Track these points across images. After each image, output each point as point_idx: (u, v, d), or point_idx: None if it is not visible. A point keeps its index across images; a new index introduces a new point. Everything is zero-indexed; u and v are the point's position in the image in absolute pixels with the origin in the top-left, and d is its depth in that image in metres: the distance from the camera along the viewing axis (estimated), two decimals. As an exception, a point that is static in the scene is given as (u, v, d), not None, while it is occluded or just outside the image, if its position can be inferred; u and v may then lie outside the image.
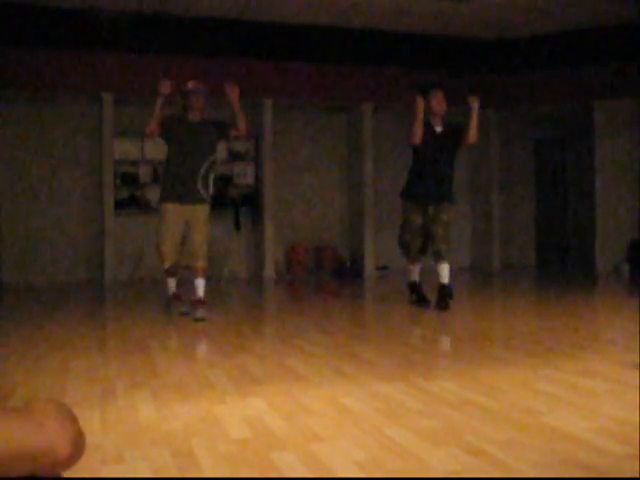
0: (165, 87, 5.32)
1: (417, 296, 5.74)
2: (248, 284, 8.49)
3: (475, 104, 5.48)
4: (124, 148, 8.93)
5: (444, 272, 5.51)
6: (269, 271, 9.06)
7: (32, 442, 0.98)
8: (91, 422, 2.48)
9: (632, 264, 9.12)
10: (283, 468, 2.03)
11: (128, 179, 8.98)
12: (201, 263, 5.32)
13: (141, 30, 8.40)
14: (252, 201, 9.15)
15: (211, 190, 5.45)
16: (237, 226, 9.17)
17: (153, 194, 9.11)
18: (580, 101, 9.51)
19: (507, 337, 4.48)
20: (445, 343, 4.31)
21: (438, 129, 5.62)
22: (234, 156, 9.28)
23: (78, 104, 8.87)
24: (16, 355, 3.92)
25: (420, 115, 5.47)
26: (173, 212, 5.27)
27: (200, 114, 5.45)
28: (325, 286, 8.35)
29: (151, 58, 8.55)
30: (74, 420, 1.35)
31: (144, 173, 9.11)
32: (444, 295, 5.48)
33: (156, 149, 9.09)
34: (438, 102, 5.55)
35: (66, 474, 0.99)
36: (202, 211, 5.33)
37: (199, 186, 5.31)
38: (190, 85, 5.44)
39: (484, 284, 8.36)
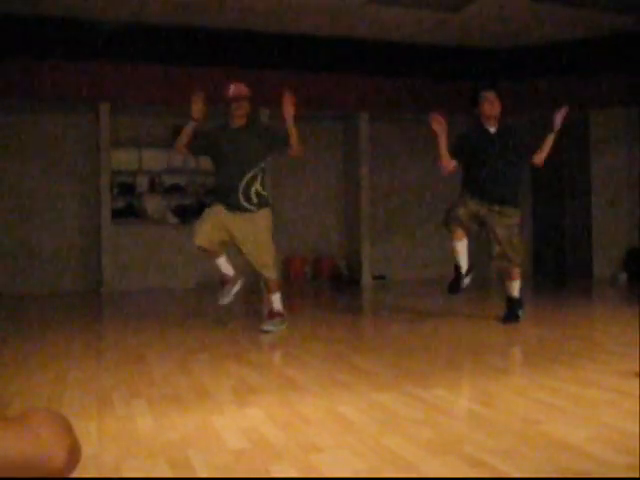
0: (197, 110, 4.69)
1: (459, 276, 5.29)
2: (245, 293, 8.47)
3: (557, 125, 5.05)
4: (121, 158, 8.94)
5: (515, 285, 5.24)
6: (266, 280, 9.04)
7: (28, 451, 0.97)
8: (88, 432, 2.47)
9: (629, 272, 9.13)
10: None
11: (125, 189, 8.99)
12: (266, 274, 5.00)
13: (138, 40, 8.41)
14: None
15: (255, 200, 4.86)
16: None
17: (150, 204, 9.11)
18: (576, 111, 9.53)
19: (505, 346, 4.48)
20: (443, 352, 4.30)
21: (492, 130, 5.14)
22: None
23: (75, 114, 8.87)
24: (13, 365, 3.90)
25: (442, 136, 5.01)
26: (215, 210, 4.90)
27: (245, 119, 4.89)
28: (323, 295, 8.34)
29: (148, 68, 8.57)
30: (70, 430, 1.35)
31: (141, 183, 9.11)
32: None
33: (153, 159, 9.10)
34: (490, 103, 5.08)
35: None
36: (250, 220, 4.87)
37: (241, 200, 4.82)
38: (232, 92, 4.82)
39: (481, 293, 8.34)
